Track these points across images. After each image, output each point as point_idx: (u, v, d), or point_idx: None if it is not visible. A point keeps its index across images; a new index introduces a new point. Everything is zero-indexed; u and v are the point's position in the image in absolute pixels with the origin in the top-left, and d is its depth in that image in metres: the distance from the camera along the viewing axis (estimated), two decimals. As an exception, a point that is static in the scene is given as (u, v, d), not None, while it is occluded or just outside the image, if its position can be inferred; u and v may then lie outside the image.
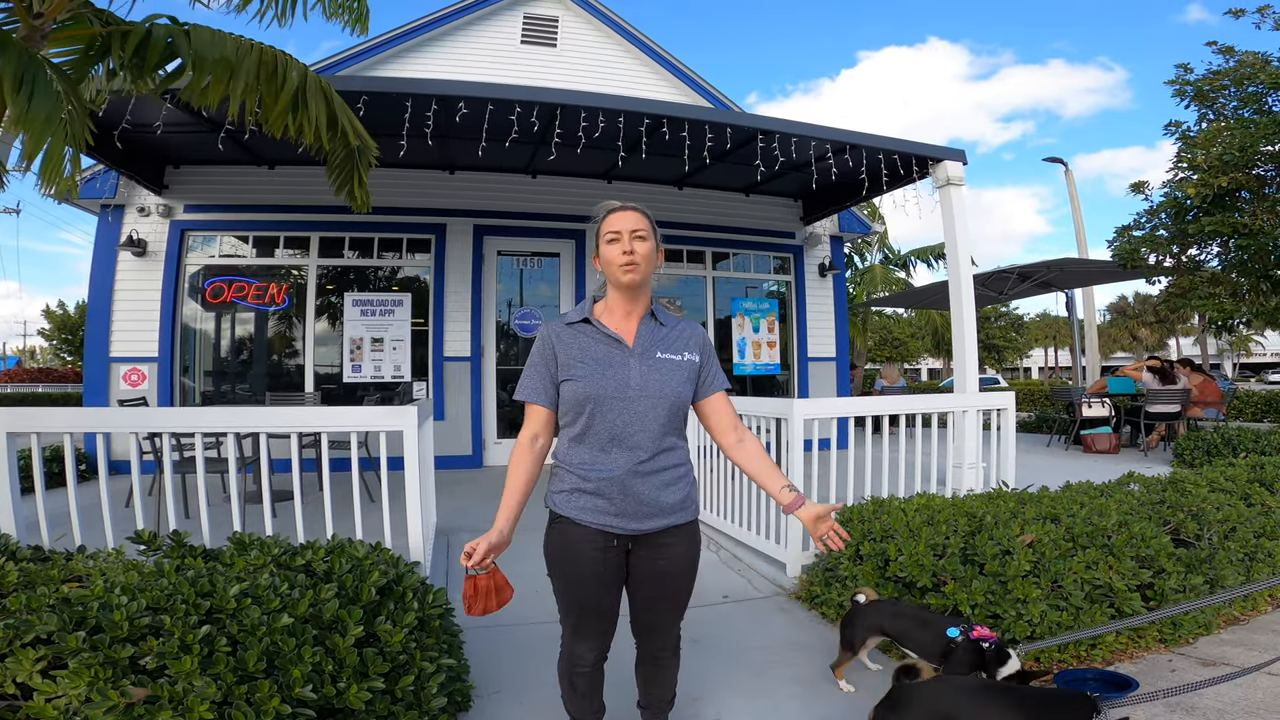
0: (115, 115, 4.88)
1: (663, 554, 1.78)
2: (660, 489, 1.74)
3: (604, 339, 1.77)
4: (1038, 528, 3.02)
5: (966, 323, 5.87)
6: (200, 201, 7.37)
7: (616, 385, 1.71)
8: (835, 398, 3.73)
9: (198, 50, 3.02)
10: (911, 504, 3.43)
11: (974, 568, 2.97)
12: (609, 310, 1.82)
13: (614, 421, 1.71)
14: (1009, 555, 2.93)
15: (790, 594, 3.82)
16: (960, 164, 6.49)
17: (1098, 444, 9.10)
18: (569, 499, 1.75)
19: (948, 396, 4.61)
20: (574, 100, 5.48)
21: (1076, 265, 9.67)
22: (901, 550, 3.03)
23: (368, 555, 2.64)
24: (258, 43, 3.40)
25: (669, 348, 1.81)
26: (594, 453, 1.72)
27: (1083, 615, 2.89)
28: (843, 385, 9.32)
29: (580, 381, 1.71)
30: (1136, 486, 4.38)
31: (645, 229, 1.77)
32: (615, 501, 1.70)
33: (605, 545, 1.73)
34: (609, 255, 1.75)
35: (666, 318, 1.87)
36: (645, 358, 1.76)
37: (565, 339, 1.78)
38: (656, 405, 1.73)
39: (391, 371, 7.73)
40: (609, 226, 1.76)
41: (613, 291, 1.81)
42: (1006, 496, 3.60)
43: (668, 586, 1.83)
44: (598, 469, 1.71)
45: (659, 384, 1.74)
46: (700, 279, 8.98)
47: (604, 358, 1.74)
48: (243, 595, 2.24)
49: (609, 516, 1.71)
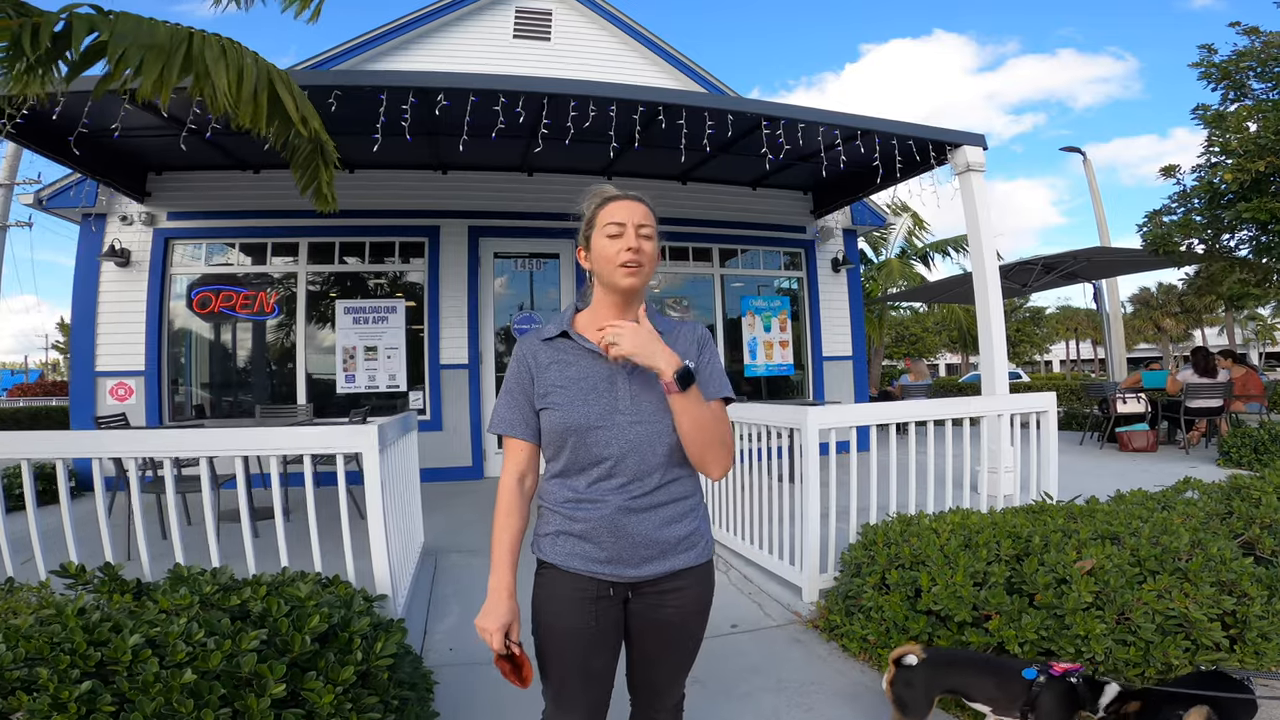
0: (71, 117, 4.57)
1: (666, 601, 1.47)
2: (660, 526, 1.43)
3: (586, 355, 1.47)
4: (1097, 551, 2.60)
5: (994, 318, 5.42)
6: (184, 209, 7.09)
7: (602, 410, 1.42)
8: (852, 405, 3.35)
9: (121, 38, 2.69)
10: (944, 522, 3.01)
11: (1022, 599, 2.55)
12: (596, 319, 1.50)
13: (600, 453, 1.42)
14: (1065, 584, 2.51)
15: (807, 622, 3.42)
16: (980, 149, 6.07)
17: (1134, 442, 8.59)
18: (554, 543, 1.46)
19: (978, 400, 4.18)
20: (562, 89, 5.12)
21: (1104, 255, 9.16)
22: (936, 580, 2.61)
23: (311, 595, 2.28)
24: (199, 30, 3.08)
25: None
26: (580, 488, 1.44)
27: (1154, 650, 2.47)
28: (860, 385, 8.87)
29: (559, 410, 1.43)
30: (1195, 494, 3.94)
31: (651, 226, 1.48)
32: (605, 545, 1.41)
33: (598, 595, 1.43)
34: (607, 251, 1.45)
35: (664, 323, 1.53)
36: (637, 374, 1.45)
37: (542, 358, 1.49)
38: (653, 431, 1.43)
39: (386, 381, 7.40)
40: (610, 217, 1.47)
41: (603, 295, 1.51)
42: (1053, 511, 3.17)
43: (671, 640, 1.52)
44: (584, 507, 1.43)
45: (654, 405, 1.43)
46: (708, 278, 8.58)
47: (586, 378, 1.45)
48: (145, 645, 1.90)
49: (598, 563, 1.42)
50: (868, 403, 9.06)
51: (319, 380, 7.39)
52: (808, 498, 3.36)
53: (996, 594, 2.52)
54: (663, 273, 8.45)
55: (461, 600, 3.76)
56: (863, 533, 3.27)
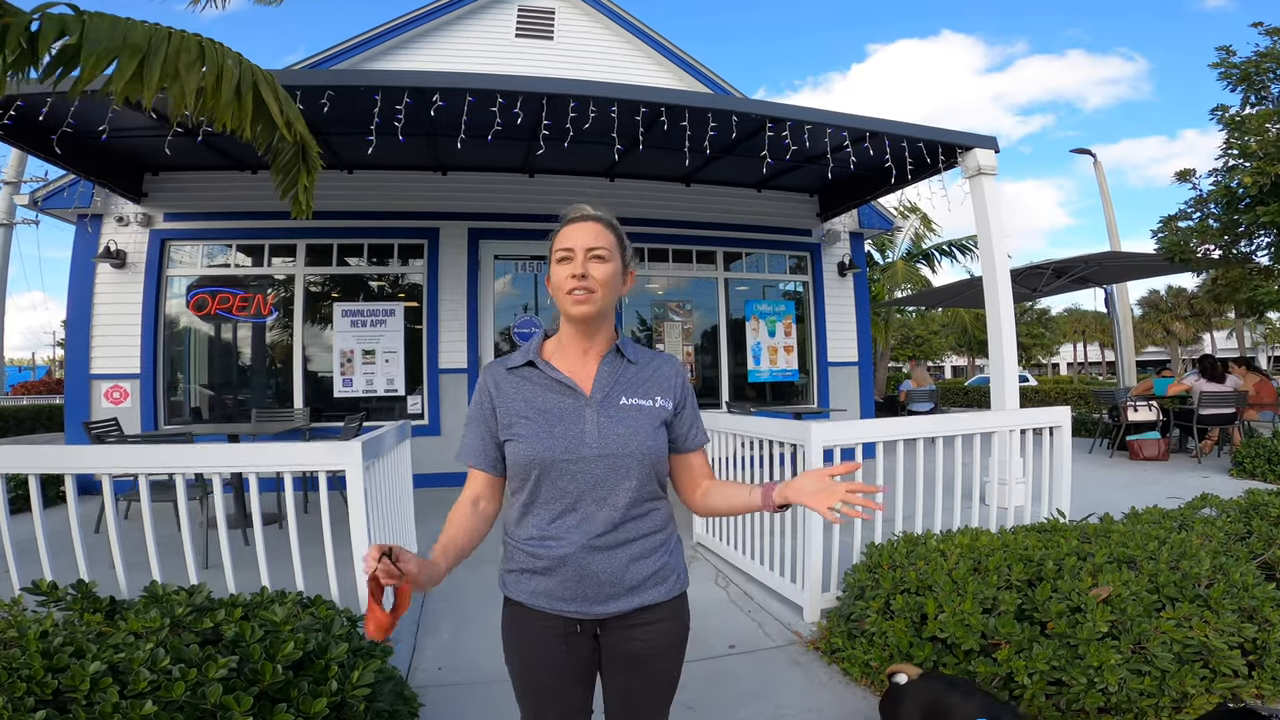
0: (59, 118, 4.49)
1: (635, 635, 1.41)
2: (626, 565, 1.37)
3: (553, 385, 1.41)
4: (1114, 577, 2.47)
5: (1005, 326, 5.28)
6: (181, 209, 7.02)
7: (567, 445, 1.35)
8: (857, 421, 3.24)
9: (94, 40, 2.59)
10: (952, 543, 2.88)
11: (1034, 627, 2.43)
12: (561, 348, 1.45)
13: (565, 488, 1.36)
14: (1080, 613, 2.38)
15: (807, 643, 3.29)
16: (992, 152, 5.93)
17: (1145, 450, 8.43)
18: (518, 580, 1.40)
19: (989, 416, 4.05)
20: (561, 90, 5.00)
21: (1117, 260, 8.99)
22: (943, 607, 2.49)
23: (287, 620, 2.17)
24: (179, 30, 2.99)
25: (637, 390, 1.43)
26: (543, 525, 1.38)
27: (1170, 680, 2.35)
28: (866, 391, 8.74)
29: (523, 442, 1.36)
30: (1212, 511, 3.80)
31: (607, 247, 1.39)
32: (569, 584, 1.36)
33: (566, 632, 1.38)
34: (557, 278, 1.38)
35: (637, 353, 1.49)
36: (606, 406, 1.40)
37: (506, 388, 1.43)
38: (620, 467, 1.37)
39: (384, 385, 7.31)
40: (560, 242, 1.39)
41: (565, 325, 1.43)
42: (1066, 531, 3.04)
43: (643, 674, 1.45)
44: (547, 544, 1.37)
45: (621, 439, 1.37)
46: (711, 280, 8.46)
47: (552, 410, 1.39)
48: (106, 672, 1.81)
49: (562, 601, 1.36)
50: (873, 409, 8.94)
51: (316, 383, 7.31)
52: (811, 524, 3.23)
53: (1006, 622, 2.40)
54: (666, 275, 8.34)
55: (453, 615, 3.65)
56: (867, 553, 3.15)
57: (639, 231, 7.95)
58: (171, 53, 2.89)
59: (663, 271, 8.30)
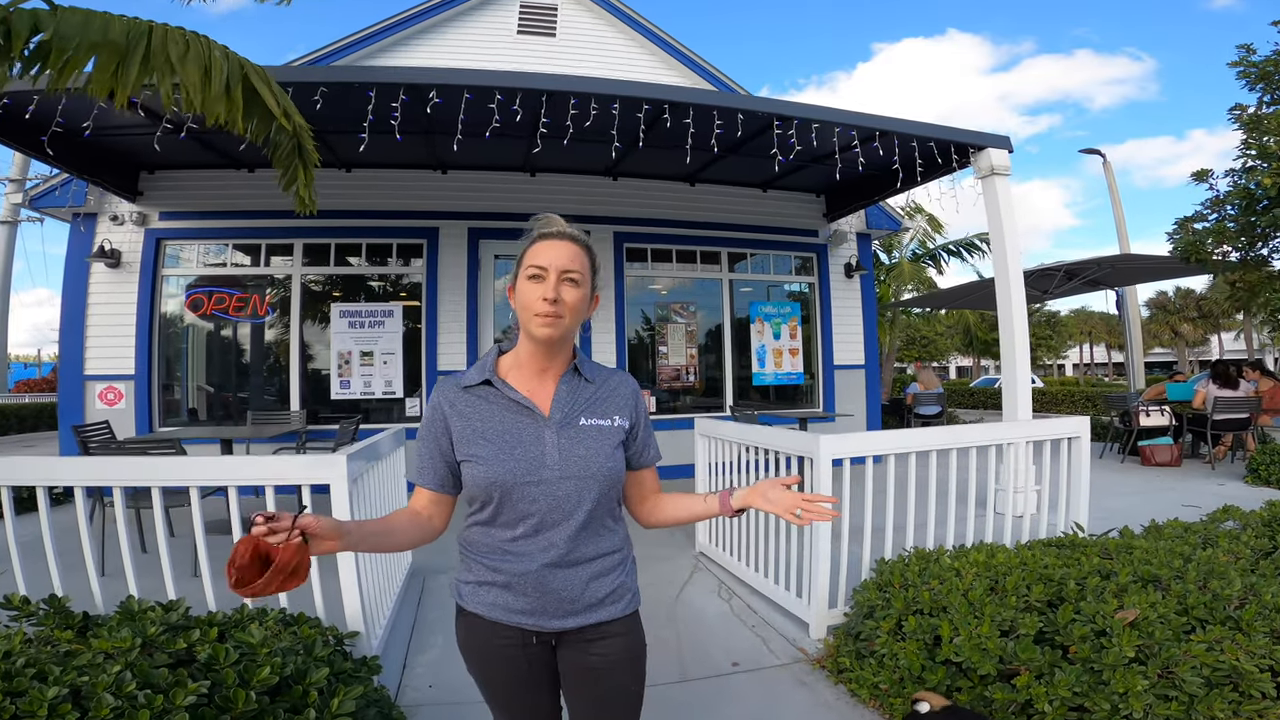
0: (48, 115, 4.39)
1: (591, 649, 1.42)
2: (586, 583, 1.39)
3: (511, 406, 1.39)
4: (1140, 598, 2.33)
5: (1018, 330, 5.14)
6: (176, 208, 6.91)
7: (528, 466, 1.34)
8: (869, 433, 3.11)
9: (66, 37, 2.49)
10: (967, 561, 2.75)
11: (1055, 651, 2.30)
12: (519, 366, 1.42)
13: (527, 509, 1.35)
14: (1105, 636, 2.25)
15: (813, 661, 3.16)
16: (1005, 151, 5.79)
17: (1157, 456, 8.27)
18: (475, 592, 1.41)
19: (1004, 427, 3.91)
20: (561, 86, 4.87)
21: (1130, 262, 8.81)
22: (958, 629, 2.36)
23: (264, 642, 2.05)
24: (161, 25, 2.87)
25: (595, 411, 1.42)
26: (504, 541, 1.37)
27: (1198, 704, 2.22)
28: (873, 395, 8.59)
29: (482, 464, 1.34)
30: (1234, 524, 3.66)
31: (581, 270, 1.36)
32: (530, 598, 1.37)
33: (524, 643, 1.39)
34: (526, 297, 1.34)
35: (594, 371, 1.48)
36: (565, 427, 1.38)
37: (461, 407, 1.39)
38: (582, 487, 1.36)
39: (383, 387, 7.20)
40: (532, 259, 1.35)
41: (525, 342, 1.40)
42: (1086, 548, 2.90)
43: (604, 689, 1.44)
44: (509, 560, 1.37)
45: (582, 460, 1.36)
46: (715, 281, 8.32)
47: (510, 431, 1.37)
48: (67, 696, 1.70)
49: (519, 614, 1.37)
50: (880, 413, 8.79)
51: (314, 385, 7.20)
52: (818, 533, 3.10)
53: (1026, 647, 2.26)
54: (669, 276, 8.21)
55: (446, 628, 3.51)
56: (877, 570, 3.02)
57: (643, 231, 7.83)
58: (155, 47, 2.78)
59: (666, 272, 8.16)
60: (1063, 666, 2.24)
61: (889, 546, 3.35)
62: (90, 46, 2.57)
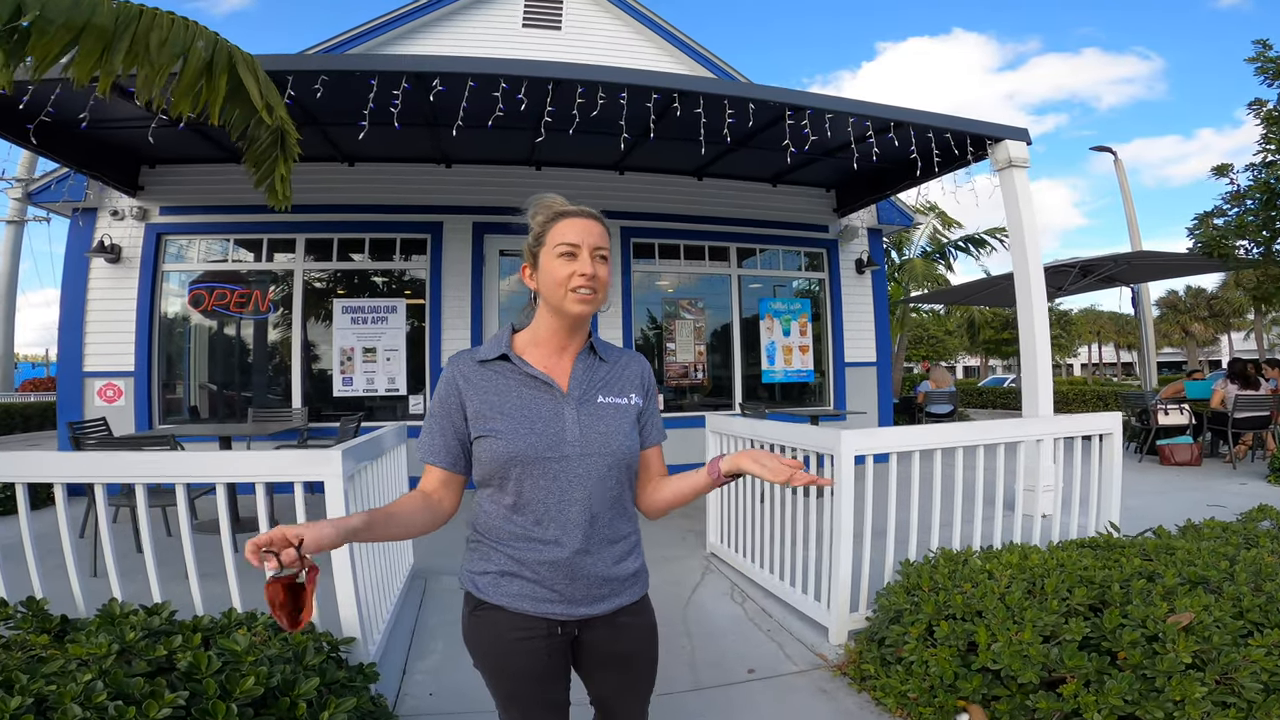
0: (38, 105, 4.27)
1: (623, 635, 1.42)
2: (613, 564, 1.38)
3: (529, 381, 1.37)
4: (1192, 601, 2.18)
5: (1038, 326, 4.97)
6: (177, 203, 6.80)
7: (549, 442, 1.31)
8: (892, 429, 2.97)
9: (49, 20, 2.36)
10: (1000, 563, 2.59)
11: (1102, 657, 2.14)
12: (536, 343, 1.41)
13: (549, 488, 1.32)
14: (1157, 642, 2.10)
15: (834, 668, 3.01)
16: (1024, 144, 5.63)
17: (1177, 455, 8.09)
18: (498, 583, 1.34)
19: (1034, 423, 3.76)
20: (568, 74, 4.73)
21: (1148, 259, 8.62)
22: (996, 635, 2.20)
23: (250, 650, 1.91)
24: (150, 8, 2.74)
25: (611, 389, 1.42)
26: (528, 525, 1.33)
27: (1256, 710, 2.07)
28: (884, 393, 8.42)
29: (501, 438, 1.31)
30: (1270, 524, 3.50)
31: (607, 248, 1.39)
32: (560, 588, 1.33)
33: (549, 633, 1.35)
34: (558, 273, 1.33)
35: (607, 350, 1.49)
36: (584, 404, 1.37)
37: (477, 382, 1.37)
38: (603, 464, 1.34)
39: (386, 384, 7.07)
40: (562, 236, 1.34)
41: (548, 319, 1.39)
42: (1125, 549, 2.74)
43: (636, 671, 1.48)
44: (535, 548, 1.32)
45: (603, 437, 1.35)
46: (724, 277, 8.17)
47: (529, 406, 1.34)
48: (31, 707, 1.57)
49: (548, 604, 1.33)
50: (892, 412, 8.62)
51: (316, 382, 7.08)
52: (839, 534, 2.96)
53: (1072, 654, 2.11)
54: (677, 271, 8.06)
55: (448, 633, 3.38)
56: (903, 572, 2.86)
57: (650, 226, 7.68)
58: (141, 31, 2.65)
59: (674, 268, 8.01)
60: (1112, 673, 2.09)
61: (913, 547, 3.19)
62: (72, 31, 2.44)
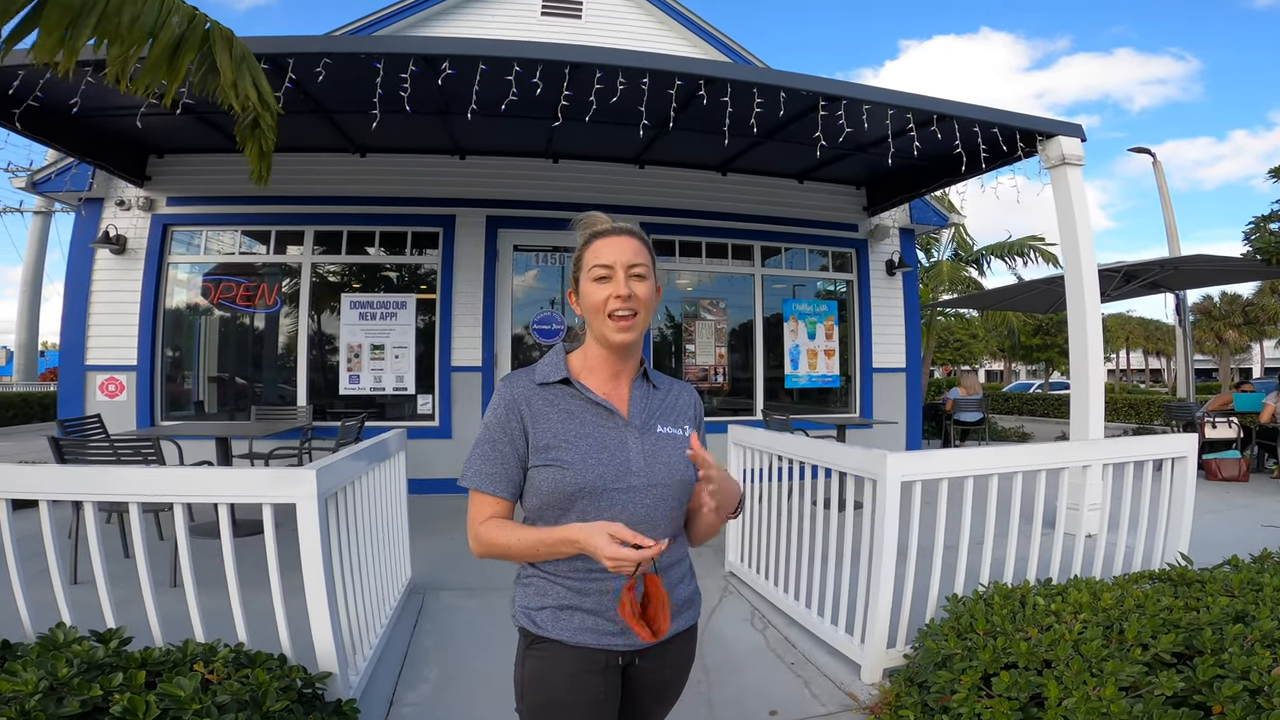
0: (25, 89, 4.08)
1: (669, 660, 1.38)
2: (672, 588, 1.31)
3: (592, 408, 1.32)
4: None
5: (1091, 335, 4.60)
6: (185, 193, 6.63)
7: (616, 472, 1.27)
8: (942, 452, 2.69)
9: None
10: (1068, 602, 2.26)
11: (1195, 712, 1.82)
12: (589, 369, 1.36)
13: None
14: (1261, 695, 1.78)
15: (866, 710, 2.69)
16: (1078, 140, 5.25)
17: (1224, 470, 7.63)
18: (556, 617, 1.29)
19: (1095, 446, 3.41)
20: (586, 58, 4.45)
21: (1198, 263, 8.15)
22: (1070, 690, 1.88)
23: (193, 697, 1.65)
24: None
25: (668, 419, 1.37)
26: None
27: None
28: (914, 401, 8.04)
29: (569, 469, 1.25)
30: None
31: (645, 263, 1.31)
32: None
33: (607, 664, 1.30)
34: (594, 299, 1.28)
35: (659, 377, 1.44)
36: (646, 433, 1.33)
37: (540, 406, 1.31)
38: (666, 495, 1.30)
39: (393, 382, 6.84)
40: (595, 258, 1.30)
41: (595, 346, 1.34)
42: (1207, 585, 2.40)
43: (667, 696, 1.43)
44: (597, 578, 1.26)
45: (666, 468, 1.30)
46: (747, 277, 7.84)
47: (594, 434, 1.29)
48: None
49: (611, 636, 1.28)
50: (921, 421, 8.25)
51: (322, 379, 6.87)
52: (880, 565, 2.64)
53: (1161, 711, 1.78)
54: (698, 270, 7.75)
55: (443, 656, 3.10)
56: (951, 609, 2.54)
57: (670, 223, 7.39)
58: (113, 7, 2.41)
59: (695, 266, 7.71)
60: (1206, 739, 1.77)
61: (961, 579, 2.86)
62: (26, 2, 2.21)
